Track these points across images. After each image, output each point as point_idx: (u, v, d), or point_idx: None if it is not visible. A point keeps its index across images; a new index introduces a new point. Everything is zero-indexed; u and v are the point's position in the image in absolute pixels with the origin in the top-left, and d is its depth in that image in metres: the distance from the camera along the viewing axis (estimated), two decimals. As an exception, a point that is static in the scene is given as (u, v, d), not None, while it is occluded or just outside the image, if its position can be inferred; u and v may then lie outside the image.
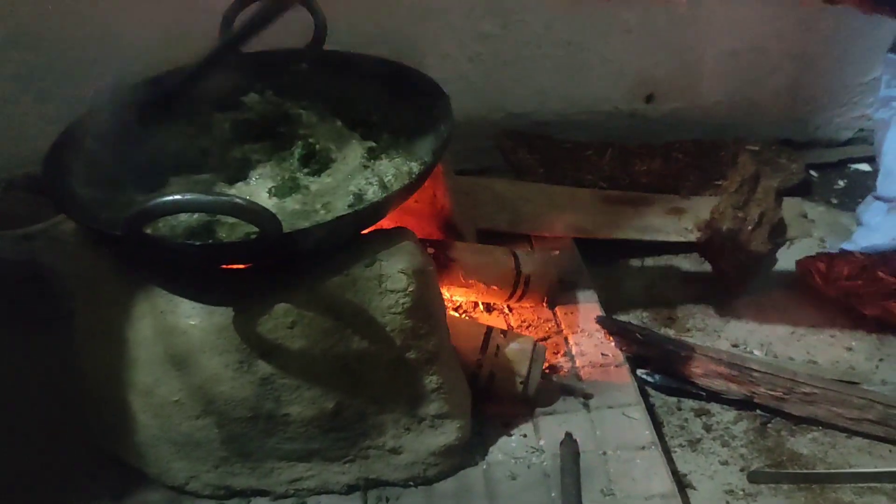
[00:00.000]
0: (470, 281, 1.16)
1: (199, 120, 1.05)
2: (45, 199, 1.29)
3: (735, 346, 1.22)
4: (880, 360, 1.19)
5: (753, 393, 1.09)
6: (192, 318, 0.88)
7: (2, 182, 1.31)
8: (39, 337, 1.19)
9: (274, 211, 0.78)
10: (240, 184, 0.96)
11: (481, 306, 1.23)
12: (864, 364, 1.18)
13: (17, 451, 1.06)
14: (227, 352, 0.88)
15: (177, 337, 0.89)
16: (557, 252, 1.32)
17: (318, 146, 0.99)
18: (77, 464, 1.03)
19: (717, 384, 1.11)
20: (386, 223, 0.96)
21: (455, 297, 1.20)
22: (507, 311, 1.23)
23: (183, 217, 0.88)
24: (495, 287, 1.18)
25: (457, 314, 1.20)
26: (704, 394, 1.13)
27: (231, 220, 0.88)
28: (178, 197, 0.74)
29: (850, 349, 1.21)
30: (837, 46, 1.55)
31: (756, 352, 1.21)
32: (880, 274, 1.20)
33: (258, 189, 0.94)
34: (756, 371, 1.09)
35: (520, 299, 1.20)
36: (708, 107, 1.59)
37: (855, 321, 1.24)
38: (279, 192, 0.93)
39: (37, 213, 1.26)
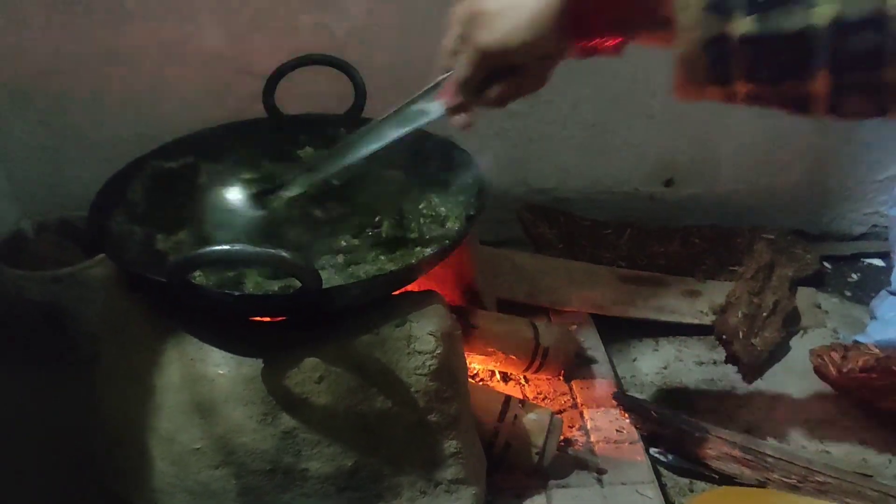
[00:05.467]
0: (490, 349, 1.17)
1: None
2: (76, 244, 1.32)
3: (747, 431, 1.21)
4: (894, 454, 1.19)
5: (767, 479, 1.09)
6: (220, 367, 0.89)
7: (35, 224, 1.34)
8: (55, 380, 1.19)
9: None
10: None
11: (498, 375, 1.24)
12: (877, 458, 1.18)
13: (27, 492, 1.06)
14: (253, 403, 0.89)
15: (204, 385, 0.90)
16: (575, 326, 1.34)
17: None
18: (87, 507, 1.03)
19: (731, 468, 1.11)
20: (413, 286, 0.99)
21: (473, 364, 1.21)
22: (523, 381, 1.23)
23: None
24: (514, 357, 1.19)
25: (473, 381, 1.21)
26: (717, 476, 1.12)
27: (258, 276, 0.91)
28: (226, 247, 0.76)
29: (863, 442, 1.21)
30: (853, 145, 1.59)
31: (769, 438, 1.21)
32: (895, 368, 1.21)
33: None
34: (770, 457, 1.09)
35: (537, 371, 1.21)
36: (725, 194, 1.62)
37: (869, 414, 1.24)
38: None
39: (66, 256, 1.28)
